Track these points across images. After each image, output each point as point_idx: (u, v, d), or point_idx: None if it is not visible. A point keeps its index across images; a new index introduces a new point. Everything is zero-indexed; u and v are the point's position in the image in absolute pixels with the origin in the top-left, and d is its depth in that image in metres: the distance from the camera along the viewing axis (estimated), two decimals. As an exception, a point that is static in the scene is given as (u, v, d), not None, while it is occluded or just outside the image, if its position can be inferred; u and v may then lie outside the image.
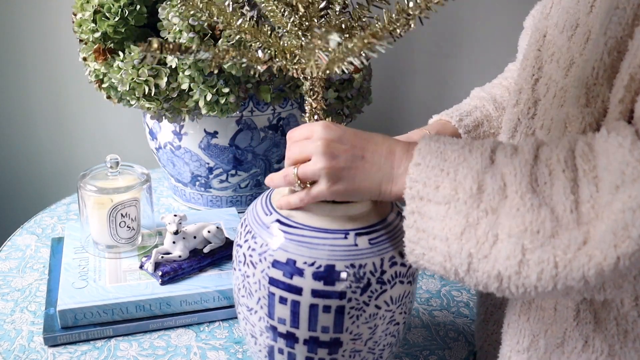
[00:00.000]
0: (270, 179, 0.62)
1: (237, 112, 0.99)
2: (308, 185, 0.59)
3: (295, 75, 0.62)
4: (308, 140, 0.58)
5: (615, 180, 0.46)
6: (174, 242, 0.86)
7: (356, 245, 0.58)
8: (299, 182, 0.58)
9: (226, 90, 0.89)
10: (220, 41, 0.87)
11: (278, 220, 0.60)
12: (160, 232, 0.96)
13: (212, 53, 0.57)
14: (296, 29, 0.60)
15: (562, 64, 0.60)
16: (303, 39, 0.60)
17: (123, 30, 0.91)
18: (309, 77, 0.61)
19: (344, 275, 0.57)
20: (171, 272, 0.83)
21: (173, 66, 0.89)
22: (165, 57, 0.89)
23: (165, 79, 0.89)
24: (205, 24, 0.87)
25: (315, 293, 0.57)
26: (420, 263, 0.54)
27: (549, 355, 0.59)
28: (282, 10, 0.60)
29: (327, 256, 0.57)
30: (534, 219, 0.47)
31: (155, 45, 0.53)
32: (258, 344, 0.64)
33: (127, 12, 0.90)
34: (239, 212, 1.07)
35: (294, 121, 1.07)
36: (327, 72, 0.58)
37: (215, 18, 0.61)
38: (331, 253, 0.57)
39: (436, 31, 1.33)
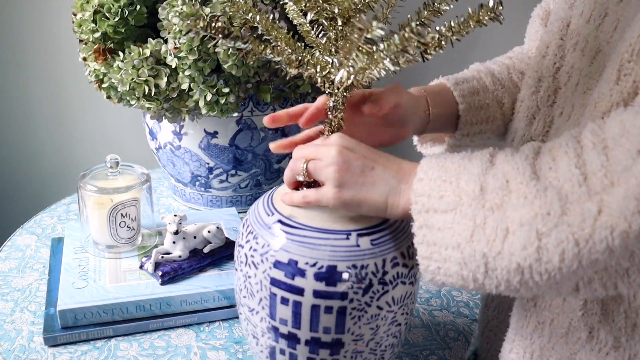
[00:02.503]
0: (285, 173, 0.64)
1: (237, 112, 0.99)
2: (312, 183, 0.59)
3: (322, 87, 0.62)
4: (321, 145, 0.59)
5: (636, 145, 0.44)
6: (174, 242, 0.86)
7: (358, 246, 0.58)
8: (305, 172, 0.59)
9: (226, 90, 0.89)
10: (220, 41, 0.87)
11: (280, 221, 0.60)
12: (160, 232, 0.96)
13: (253, 45, 0.57)
14: (330, 44, 0.60)
15: (588, 53, 0.60)
16: (335, 55, 0.60)
17: (123, 30, 0.91)
18: (334, 92, 0.61)
19: (345, 276, 0.57)
20: (171, 272, 0.83)
21: (173, 66, 0.89)
22: (165, 57, 0.89)
23: (165, 79, 0.89)
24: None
25: (317, 294, 0.57)
26: (437, 279, 0.53)
27: (552, 344, 0.59)
28: (317, 30, 0.60)
29: (329, 257, 0.57)
30: (543, 202, 0.46)
31: (201, 23, 0.53)
32: (260, 345, 0.64)
33: (127, 12, 0.90)
34: (239, 212, 1.07)
35: (294, 121, 1.07)
36: (357, 79, 0.57)
37: (256, 23, 0.61)
38: (333, 254, 0.57)
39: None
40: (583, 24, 0.62)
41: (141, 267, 0.86)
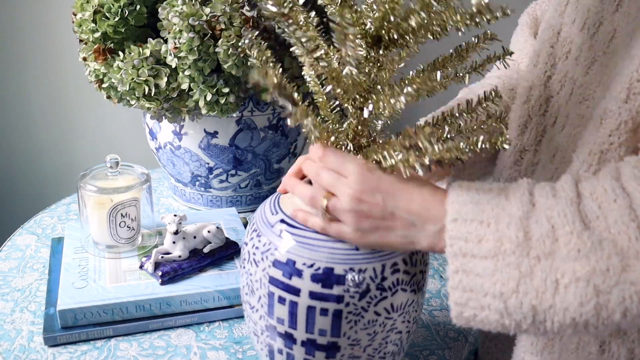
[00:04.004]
0: (291, 186, 0.60)
1: (237, 112, 0.99)
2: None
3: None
4: (341, 179, 0.55)
5: None
6: (174, 242, 0.86)
7: (357, 249, 0.57)
8: (326, 213, 0.56)
9: (226, 90, 0.89)
10: (220, 41, 0.87)
11: (282, 220, 0.60)
12: (160, 232, 0.96)
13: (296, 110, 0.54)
14: (351, 131, 0.60)
15: (583, 62, 0.59)
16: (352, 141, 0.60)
17: (123, 30, 0.91)
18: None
19: (342, 279, 0.56)
20: (171, 272, 0.83)
21: (173, 66, 0.89)
22: (165, 57, 0.89)
23: (165, 79, 0.89)
24: (205, 24, 0.86)
25: (312, 295, 0.57)
26: (472, 324, 0.50)
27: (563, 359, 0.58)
28: (333, 103, 0.61)
29: (327, 258, 0.57)
30: (599, 257, 0.44)
31: (273, 81, 0.52)
32: (260, 342, 0.64)
33: (127, 12, 0.90)
34: (239, 212, 1.07)
35: (294, 121, 1.07)
36: None
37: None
38: (331, 256, 0.57)
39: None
40: (576, 32, 0.61)
41: (141, 267, 0.86)
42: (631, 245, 0.44)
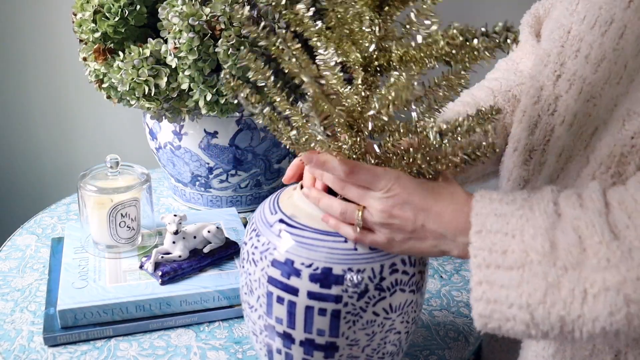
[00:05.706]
0: (316, 199, 0.59)
1: (237, 112, 0.99)
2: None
3: None
4: (370, 193, 0.55)
5: None
6: (174, 242, 0.86)
7: (356, 249, 0.57)
8: (361, 223, 0.56)
9: (226, 90, 0.89)
10: (220, 41, 0.87)
11: (281, 220, 0.60)
12: (160, 232, 0.96)
13: (268, 114, 0.59)
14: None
15: (593, 60, 0.59)
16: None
17: (123, 30, 0.91)
18: None
19: (340, 279, 0.56)
20: (171, 272, 0.83)
21: (173, 66, 0.89)
22: (165, 57, 0.89)
23: (165, 79, 0.89)
24: (205, 24, 0.86)
25: (311, 295, 0.57)
26: (497, 333, 0.50)
27: None
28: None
29: (325, 258, 0.57)
30: (630, 266, 0.44)
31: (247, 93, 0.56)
32: (259, 342, 0.64)
33: (127, 12, 0.90)
34: (239, 212, 1.07)
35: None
36: None
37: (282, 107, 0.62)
38: (329, 255, 0.57)
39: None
40: (586, 31, 0.61)
41: (141, 267, 0.86)
42: None
